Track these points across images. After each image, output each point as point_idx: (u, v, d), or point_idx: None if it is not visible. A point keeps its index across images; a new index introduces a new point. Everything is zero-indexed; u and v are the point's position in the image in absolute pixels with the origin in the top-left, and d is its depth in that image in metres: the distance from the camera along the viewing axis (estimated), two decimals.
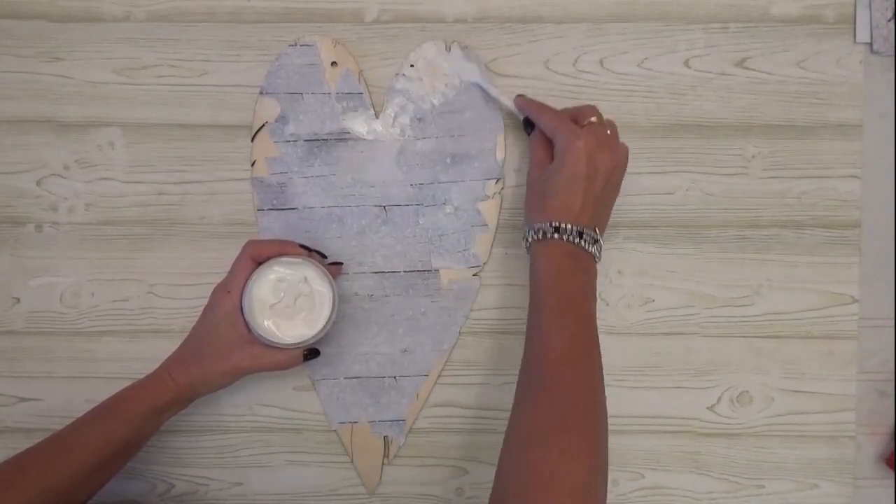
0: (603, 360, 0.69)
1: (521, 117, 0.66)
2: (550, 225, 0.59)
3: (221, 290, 0.62)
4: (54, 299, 0.69)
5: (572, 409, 0.54)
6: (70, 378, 0.69)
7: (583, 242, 0.59)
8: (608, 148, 0.61)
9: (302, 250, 0.63)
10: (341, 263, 0.67)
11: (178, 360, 0.62)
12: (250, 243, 0.63)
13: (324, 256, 0.65)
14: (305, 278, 0.62)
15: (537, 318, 0.58)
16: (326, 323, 0.62)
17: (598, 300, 0.69)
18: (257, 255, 0.62)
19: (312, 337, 0.62)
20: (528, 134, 0.65)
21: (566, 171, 0.60)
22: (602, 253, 0.61)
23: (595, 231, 0.60)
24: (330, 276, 0.62)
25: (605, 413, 0.56)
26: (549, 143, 0.63)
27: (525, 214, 0.64)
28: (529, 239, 0.61)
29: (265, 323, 0.61)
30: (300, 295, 0.62)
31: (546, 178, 0.61)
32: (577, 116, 0.63)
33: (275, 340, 0.61)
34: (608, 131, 0.62)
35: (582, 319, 0.58)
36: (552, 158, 0.62)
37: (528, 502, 0.50)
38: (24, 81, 0.69)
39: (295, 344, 0.62)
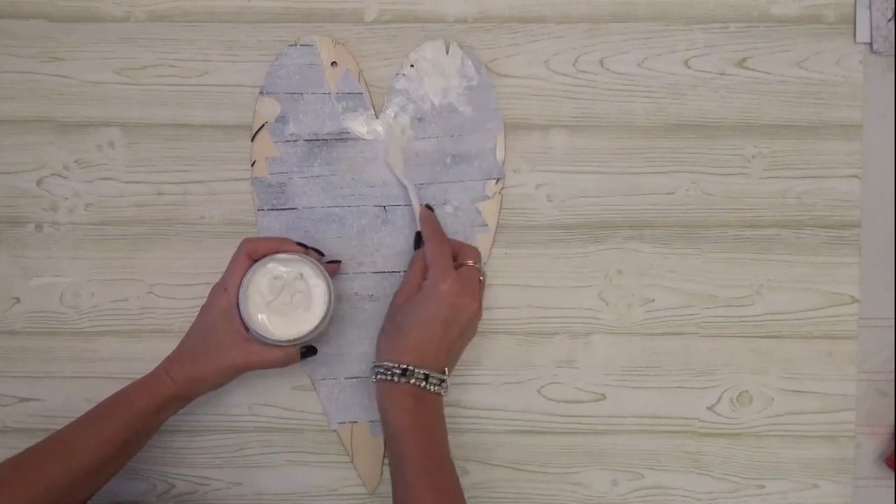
0: (603, 360, 0.69)
1: (417, 231, 0.66)
2: (399, 366, 0.60)
3: (218, 288, 0.62)
4: (54, 299, 0.69)
5: None
6: (70, 378, 0.69)
7: (428, 386, 0.60)
8: (473, 295, 0.62)
9: (298, 247, 0.63)
10: (339, 262, 0.67)
11: (176, 359, 0.62)
12: (247, 241, 0.63)
13: (321, 254, 0.65)
14: (302, 275, 0.62)
15: (401, 474, 0.59)
16: (322, 320, 0.62)
17: (599, 300, 0.69)
18: (254, 253, 0.62)
19: (308, 334, 0.62)
20: (416, 248, 0.66)
21: (427, 311, 0.60)
22: (447, 391, 0.62)
23: (443, 373, 0.61)
24: (326, 274, 0.62)
25: None
26: (424, 273, 0.63)
27: (378, 340, 0.64)
28: (375, 377, 0.61)
29: (261, 320, 0.61)
30: (296, 292, 0.62)
31: (406, 311, 0.62)
32: (458, 254, 0.64)
33: (271, 338, 0.61)
34: (480, 278, 0.64)
35: (443, 465, 0.60)
36: (419, 290, 0.62)
37: None
38: (24, 81, 0.69)
39: (291, 341, 0.62)
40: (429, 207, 0.67)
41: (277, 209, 0.68)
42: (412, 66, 0.68)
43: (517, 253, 0.69)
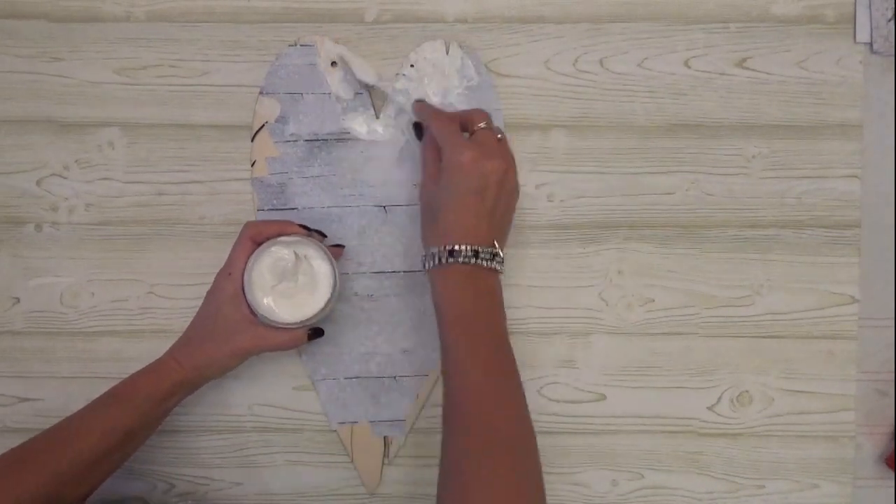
0: (603, 360, 0.69)
1: (413, 121, 0.65)
2: (445, 248, 0.57)
3: (223, 272, 0.62)
4: (54, 299, 0.69)
5: (498, 441, 0.53)
6: (70, 378, 0.69)
7: (480, 261, 0.57)
8: (496, 156, 0.59)
9: (301, 230, 0.63)
10: (343, 246, 0.67)
11: (183, 345, 0.62)
12: (249, 224, 0.63)
13: (324, 236, 0.65)
14: (306, 257, 0.62)
15: (449, 355, 0.57)
16: (328, 302, 0.62)
17: (598, 300, 0.69)
18: (257, 236, 0.62)
19: (315, 316, 0.62)
20: (419, 139, 0.64)
21: (455, 189, 0.58)
22: (503, 266, 0.59)
23: (493, 246, 0.58)
24: (331, 255, 0.62)
25: (533, 438, 0.55)
26: (437, 155, 0.61)
27: (421, 235, 0.62)
28: (427, 266, 0.59)
29: (267, 304, 0.61)
30: (301, 274, 0.62)
31: (435, 196, 0.60)
32: (466, 122, 0.61)
33: (278, 321, 0.61)
34: (498, 136, 0.61)
35: (493, 341, 0.57)
36: (439, 170, 0.60)
37: None
38: (24, 81, 0.69)
39: (298, 323, 0.62)
40: (418, 101, 0.66)
41: (277, 209, 0.68)
42: (412, 66, 0.68)
43: (517, 253, 0.69)
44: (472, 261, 0.57)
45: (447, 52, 0.68)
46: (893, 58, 0.69)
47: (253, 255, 0.61)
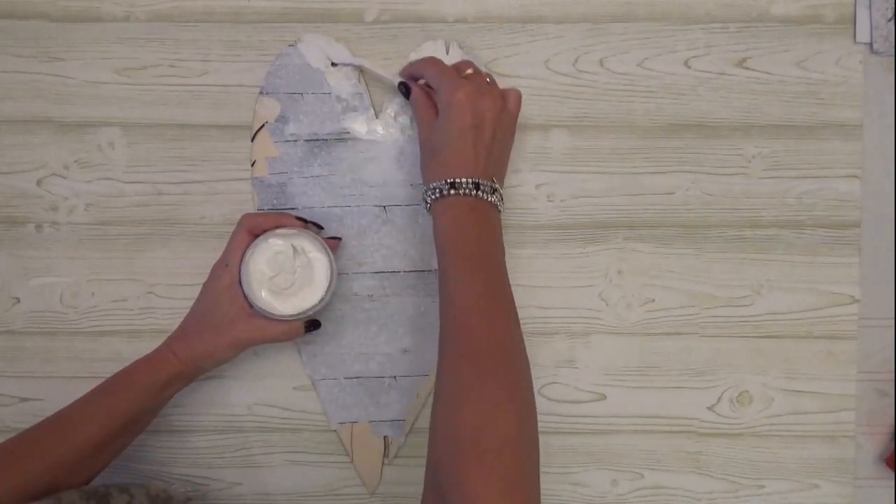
0: (603, 360, 0.69)
1: (397, 82, 0.65)
2: (446, 182, 0.59)
3: (220, 264, 0.63)
4: (54, 299, 0.69)
5: (488, 359, 0.53)
6: (70, 378, 0.69)
7: (481, 194, 0.59)
8: (490, 94, 0.61)
9: (298, 222, 0.63)
10: (339, 238, 0.67)
11: (180, 336, 0.63)
12: (246, 216, 0.63)
13: (320, 228, 0.65)
14: (303, 249, 0.62)
15: (444, 276, 0.57)
16: (325, 294, 0.62)
17: (598, 300, 0.69)
18: (254, 228, 0.62)
19: (311, 308, 0.62)
20: (407, 97, 0.65)
21: (453, 125, 0.59)
22: (503, 202, 0.61)
23: (492, 181, 0.60)
24: (327, 247, 0.62)
25: (526, 359, 0.55)
26: (431, 101, 0.63)
27: (422, 176, 0.63)
28: (428, 200, 0.60)
29: (264, 295, 0.61)
30: (298, 266, 0.62)
31: (434, 135, 0.61)
32: (456, 70, 0.63)
33: (274, 313, 0.61)
34: (487, 79, 0.62)
35: (489, 269, 0.58)
36: (436, 115, 0.62)
37: (461, 461, 0.49)
38: (24, 81, 0.69)
39: (295, 315, 0.62)
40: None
41: (277, 209, 0.68)
42: None
43: (517, 253, 0.69)
44: (474, 192, 0.58)
45: (447, 52, 0.68)
46: (893, 58, 0.69)
47: (250, 247, 0.61)
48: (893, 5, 0.69)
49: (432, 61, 0.64)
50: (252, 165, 0.69)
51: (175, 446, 0.69)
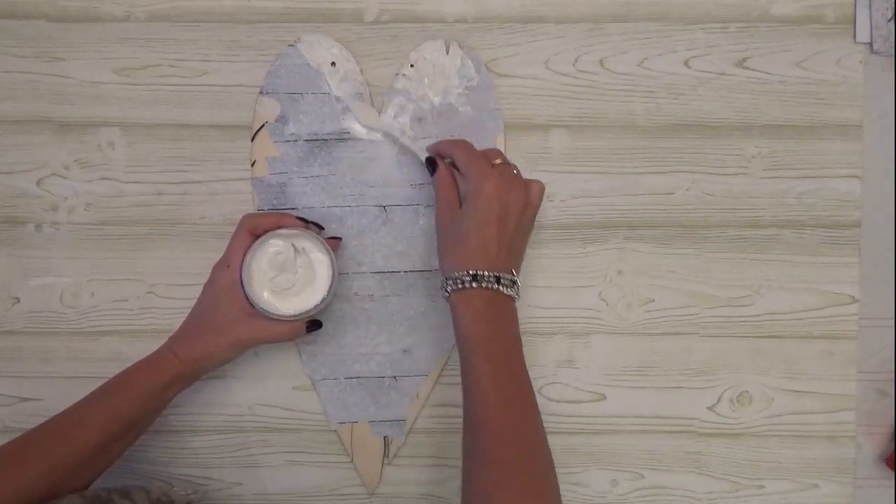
0: (603, 360, 0.69)
1: (424, 157, 0.65)
2: (468, 273, 0.58)
3: (220, 265, 0.62)
4: (54, 299, 0.69)
5: (512, 470, 0.54)
6: (70, 378, 0.69)
7: (501, 288, 0.59)
8: (518, 188, 0.60)
9: (299, 222, 0.63)
10: (339, 238, 0.67)
11: (180, 337, 0.62)
12: (247, 217, 0.63)
13: (321, 228, 0.65)
14: (304, 250, 0.62)
15: (471, 377, 0.57)
16: (327, 294, 0.62)
17: (598, 300, 0.69)
18: (254, 229, 0.62)
19: (313, 308, 0.62)
20: (431, 174, 0.64)
21: (479, 215, 0.59)
22: (520, 294, 0.60)
23: (512, 273, 0.60)
24: (329, 248, 0.62)
25: (550, 463, 0.56)
26: (455, 183, 0.63)
27: (440, 260, 0.62)
28: (448, 289, 0.59)
29: (265, 296, 0.61)
30: (300, 267, 0.62)
31: (458, 221, 0.60)
32: (485, 154, 0.63)
33: (276, 313, 0.61)
34: (514, 171, 0.62)
35: (511, 366, 0.58)
36: (458, 198, 0.62)
37: None
38: (24, 81, 0.69)
39: (296, 316, 0.62)
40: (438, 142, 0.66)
41: (277, 209, 0.68)
42: (412, 66, 0.68)
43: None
44: (494, 286, 0.58)
45: (447, 52, 0.68)
46: (893, 58, 0.69)
47: (251, 248, 0.61)
48: (893, 5, 0.69)
49: (463, 145, 0.63)
50: (252, 165, 0.69)
51: (175, 446, 0.69)
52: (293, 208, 0.68)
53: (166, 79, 0.69)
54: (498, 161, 0.62)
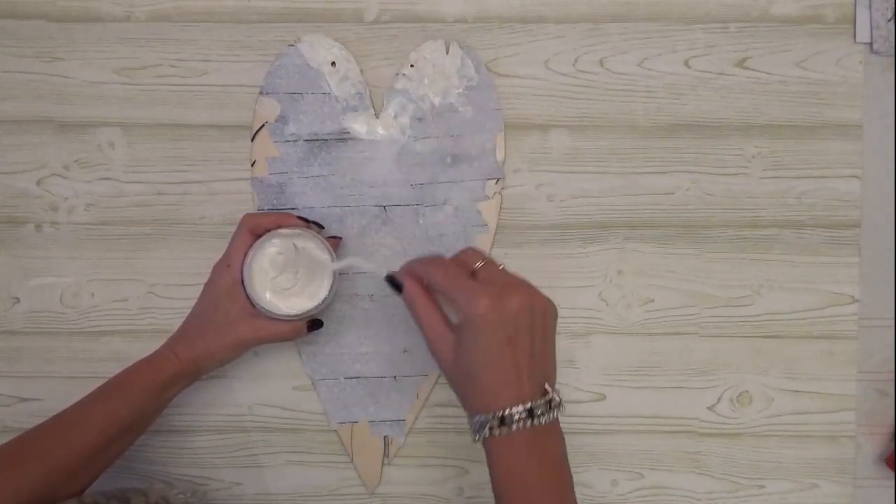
0: (603, 360, 0.69)
1: (385, 275, 0.57)
2: (494, 416, 0.50)
3: (221, 264, 0.62)
4: (54, 299, 0.69)
5: None
6: (70, 378, 0.69)
7: (537, 422, 0.50)
8: (513, 291, 0.51)
9: (300, 222, 0.63)
10: (340, 238, 0.67)
11: (181, 337, 0.62)
12: (248, 217, 0.63)
13: (321, 227, 0.65)
14: (305, 249, 0.62)
15: None
16: (328, 293, 0.62)
17: (598, 300, 0.69)
18: (255, 228, 0.62)
19: (314, 308, 0.62)
20: (399, 293, 0.56)
21: (484, 346, 0.50)
22: (562, 407, 0.52)
23: (545, 392, 0.51)
24: (329, 247, 0.63)
25: None
26: (432, 303, 0.54)
27: (461, 400, 0.53)
28: (477, 437, 0.51)
29: (266, 296, 0.61)
30: (300, 266, 0.62)
31: (462, 359, 0.51)
32: (461, 265, 0.54)
33: (277, 313, 0.61)
34: (500, 267, 0.54)
35: None
36: (445, 319, 0.53)
37: None
38: (24, 81, 0.69)
39: (297, 315, 0.62)
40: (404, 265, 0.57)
41: (277, 209, 0.68)
42: (412, 66, 0.68)
43: (517, 253, 0.69)
44: (528, 423, 0.50)
45: (447, 52, 0.68)
46: (893, 58, 0.69)
47: (252, 248, 0.61)
48: (893, 5, 0.69)
49: (439, 266, 0.54)
50: (252, 165, 0.69)
51: (175, 446, 0.69)
52: (293, 208, 0.68)
53: (166, 79, 0.69)
54: (479, 264, 0.54)
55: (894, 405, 0.70)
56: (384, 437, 0.69)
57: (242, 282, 0.61)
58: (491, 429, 0.50)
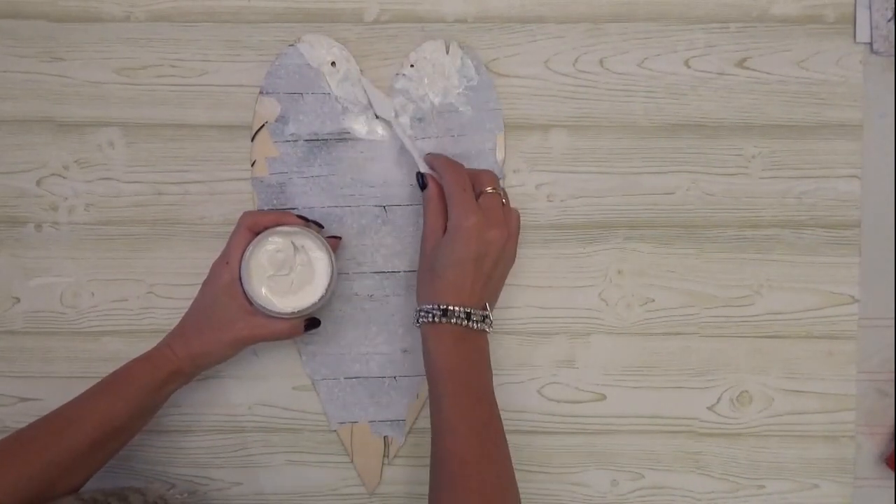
0: (603, 360, 0.69)
1: (418, 171, 0.65)
2: (439, 307, 0.59)
3: (220, 262, 0.63)
4: (54, 299, 0.69)
5: None
6: (70, 378, 0.69)
7: (471, 324, 0.60)
8: (499, 225, 0.61)
9: (299, 220, 0.63)
10: (339, 237, 0.67)
11: (178, 334, 0.62)
12: (247, 214, 0.63)
13: (321, 227, 0.65)
14: (303, 247, 0.62)
15: (438, 410, 0.59)
16: (326, 292, 0.62)
17: (598, 300, 0.69)
18: (254, 226, 0.62)
19: (312, 306, 0.62)
20: (422, 189, 0.64)
21: (456, 252, 0.60)
22: (492, 326, 0.62)
23: (484, 309, 0.61)
24: (328, 246, 0.63)
25: (517, 493, 0.57)
26: (443, 208, 0.62)
27: (417, 288, 0.64)
28: (419, 320, 0.61)
29: (264, 293, 0.61)
30: (298, 264, 0.62)
31: (437, 254, 0.61)
32: (475, 182, 0.62)
33: (274, 311, 0.61)
34: (503, 201, 0.62)
35: (480, 403, 0.59)
36: (444, 225, 0.61)
37: None
38: (24, 81, 0.69)
39: (295, 313, 0.62)
40: (430, 154, 0.66)
41: (277, 209, 0.68)
42: (412, 66, 0.68)
43: (517, 253, 0.69)
44: (464, 322, 0.59)
45: (447, 52, 0.68)
46: (893, 58, 0.69)
47: (250, 245, 0.62)
48: (893, 5, 0.69)
49: (454, 170, 0.63)
50: (252, 165, 0.69)
51: (175, 446, 0.69)
52: (293, 208, 0.68)
53: (166, 79, 0.69)
54: (489, 189, 0.62)
55: (894, 405, 0.70)
56: (384, 437, 0.69)
57: (240, 279, 0.61)
58: (434, 316, 0.59)
